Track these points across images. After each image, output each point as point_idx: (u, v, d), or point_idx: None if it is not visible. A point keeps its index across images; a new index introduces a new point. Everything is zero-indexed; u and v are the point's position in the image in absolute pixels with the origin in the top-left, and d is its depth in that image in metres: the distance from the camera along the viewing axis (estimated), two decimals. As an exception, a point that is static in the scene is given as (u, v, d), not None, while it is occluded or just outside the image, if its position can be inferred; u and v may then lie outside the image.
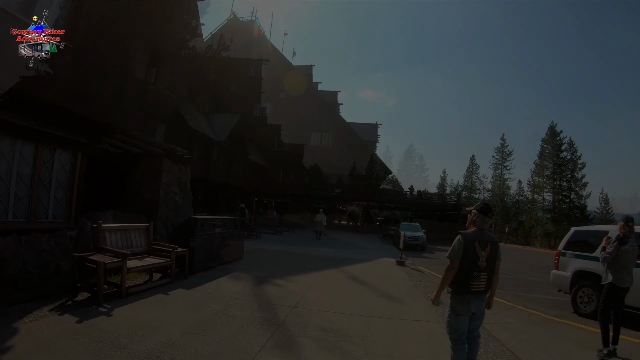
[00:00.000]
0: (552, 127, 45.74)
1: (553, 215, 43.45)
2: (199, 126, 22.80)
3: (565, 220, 42.00)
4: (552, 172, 44.58)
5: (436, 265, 15.24)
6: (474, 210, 4.02)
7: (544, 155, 45.95)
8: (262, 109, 37.74)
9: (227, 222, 10.53)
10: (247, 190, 33.54)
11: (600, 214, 47.05)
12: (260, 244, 16.30)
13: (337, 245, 19.14)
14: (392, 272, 11.66)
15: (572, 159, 44.25)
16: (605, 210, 48.05)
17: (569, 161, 44.36)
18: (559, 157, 44.29)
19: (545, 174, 45.88)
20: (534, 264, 19.89)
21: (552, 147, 44.89)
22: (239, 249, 11.33)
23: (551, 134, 45.47)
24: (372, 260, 14.04)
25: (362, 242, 23.19)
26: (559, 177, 44.31)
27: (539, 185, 46.52)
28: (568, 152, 44.61)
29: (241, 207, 18.26)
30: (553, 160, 44.61)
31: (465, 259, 3.79)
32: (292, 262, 11.80)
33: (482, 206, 4.03)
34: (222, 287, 7.51)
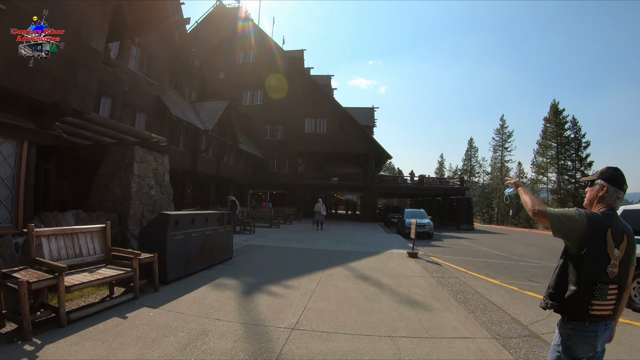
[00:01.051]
0: (555, 106, 44.11)
1: (559, 196, 42.02)
2: (183, 115, 21.01)
3: (571, 201, 40.67)
4: (557, 152, 43.08)
5: (451, 255, 13.70)
6: (599, 180, 2.36)
7: (547, 135, 44.40)
8: (252, 96, 35.92)
9: (211, 217, 8.86)
10: (241, 182, 31.86)
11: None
12: (254, 240, 14.67)
13: (338, 237, 17.54)
14: (407, 266, 10.06)
15: (576, 138, 42.75)
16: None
17: (573, 140, 42.85)
18: (562, 136, 42.76)
19: (549, 153, 44.38)
20: (550, 248, 18.44)
21: (555, 126, 43.34)
22: (226, 248, 9.69)
23: (554, 112, 43.88)
24: (380, 253, 12.43)
25: (365, 232, 21.62)
26: (563, 156, 42.81)
27: (542, 166, 45.02)
28: (572, 130, 43.11)
29: (231, 200, 16.55)
30: (557, 140, 43.09)
31: (587, 257, 2.17)
32: (290, 261, 10.16)
33: (612, 173, 2.35)
34: (201, 301, 5.86)
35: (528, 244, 20.49)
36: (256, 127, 34.76)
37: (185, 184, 23.69)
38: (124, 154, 10.53)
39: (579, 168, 42.19)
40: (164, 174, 11.48)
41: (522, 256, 14.78)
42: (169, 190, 11.55)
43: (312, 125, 34.51)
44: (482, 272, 10.50)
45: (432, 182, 36.97)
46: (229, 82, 35.04)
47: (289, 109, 34.07)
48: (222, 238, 9.29)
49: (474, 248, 17.10)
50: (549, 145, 44.12)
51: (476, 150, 67.44)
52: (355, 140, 33.14)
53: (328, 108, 33.74)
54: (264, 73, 34.98)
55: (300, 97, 33.91)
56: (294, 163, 34.49)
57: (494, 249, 16.97)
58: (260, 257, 10.67)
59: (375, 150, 33.16)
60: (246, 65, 36.11)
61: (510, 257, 14.21)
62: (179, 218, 7.41)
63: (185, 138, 22.49)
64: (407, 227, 20.78)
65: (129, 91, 17.96)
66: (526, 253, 15.94)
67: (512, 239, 24.34)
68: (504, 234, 29.38)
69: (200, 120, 23.07)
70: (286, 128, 34.74)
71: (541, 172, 45.42)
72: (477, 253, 15.21)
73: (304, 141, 34.02)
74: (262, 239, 15.33)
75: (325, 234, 18.82)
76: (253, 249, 12.12)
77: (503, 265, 12.03)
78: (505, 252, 16.10)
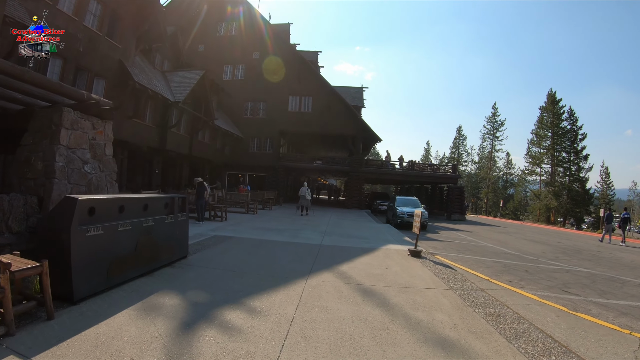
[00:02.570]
0: (552, 95, 42.28)
1: (554, 188, 40.47)
2: (150, 83, 18.28)
3: (565, 194, 39.29)
4: (552, 142, 41.32)
5: (456, 253, 11.61)
6: None
7: (543, 125, 42.55)
8: (233, 71, 33.08)
9: (154, 203, 6.48)
10: (217, 163, 29.26)
11: (601, 189, 44.69)
12: (223, 229, 12.32)
13: (323, 227, 15.30)
14: (413, 271, 7.86)
15: (572, 129, 41.06)
16: (606, 185, 45.67)
17: (569, 131, 41.15)
18: (559, 127, 41.01)
19: (544, 144, 42.62)
20: (557, 245, 16.62)
21: (552, 115, 41.51)
22: (179, 244, 7.31)
23: (551, 102, 42.05)
24: (376, 250, 10.23)
25: (353, 221, 19.43)
26: (559, 147, 41.11)
27: (537, 157, 43.25)
28: (568, 121, 41.39)
29: (198, 181, 14.07)
30: (553, 130, 41.31)
31: None
32: (263, 261, 7.83)
33: None
34: (111, 342, 3.54)
35: (532, 240, 18.60)
36: (236, 104, 31.98)
37: (153, 163, 21.06)
38: (51, 118, 7.99)
39: (574, 160, 40.68)
40: (105, 145, 8.95)
41: (536, 255, 12.81)
42: (112, 166, 9.03)
43: (296, 104, 31.91)
44: (502, 278, 8.40)
45: (423, 168, 34.91)
46: (208, 55, 32.02)
47: (272, 86, 31.37)
48: (171, 231, 6.91)
49: (477, 244, 15.07)
50: (544, 135, 42.39)
51: (464, 139, 65.88)
52: (342, 120, 30.71)
53: (314, 86, 31.15)
54: (247, 46, 32.10)
55: (284, 73, 31.23)
56: (276, 144, 31.92)
57: (500, 245, 15.00)
58: (225, 254, 8.31)
59: (364, 132, 30.83)
60: (227, 37, 33.09)
61: (522, 257, 12.21)
62: (95, 205, 5.00)
63: (153, 110, 19.77)
64: (400, 217, 18.72)
65: (85, 53, 15.21)
66: (537, 251, 13.99)
67: (510, 232, 22.49)
68: (499, 227, 27.60)
69: (170, 91, 20.34)
70: (268, 106, 32.05)
71: (536, 162, 43.66)
72: (484, 250, 13.16)
73: (287, 120, 31.43)
74: (234, 228, 12.98)
75: (308, 223, 16.55)
76: (219, 242, 9.77)
77: (522, 268, 9.97)
78: (513, 249, 14.13)
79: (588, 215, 40.23)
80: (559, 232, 28.57)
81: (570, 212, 39.03)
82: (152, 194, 14.44)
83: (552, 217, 40.22)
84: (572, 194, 38.99)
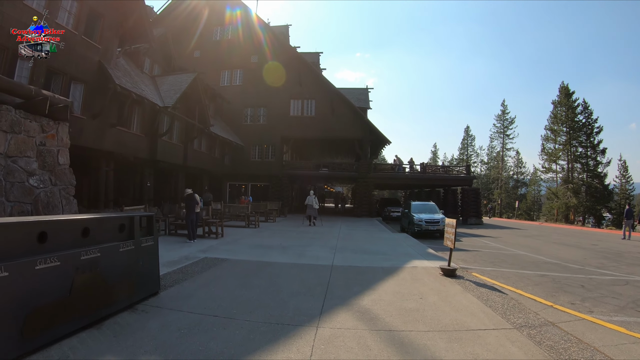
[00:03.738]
0: (565, 88, 40.16)
1: (573, 185, 38.31)
2: (135, 86, 16.63)
3: (584, 191, 37.18)
4: (569, 137, 39.18)
5: (491, 266, 9.73)
6: None
7: (558, 119, 40.37)
8: (231, 77, 31.48)
9: (100, 226, 4.70)
10: (217, 174, 27.55)
11: (620, 184, 42.50)
12: (217, 249, 10.53)
13: (333, 240, 13.48)
14: (456, 301, 6.03)
15: (588, 123, 38.91)
16: (625, 179, 43.45)
17: (584, 125, 39.03)
18: (574, 121, 38.89)
19: (560, 140, 40.46)
20: (591, 248, 14.82)
21: (566, 109, 39.41)
22: (143, 278, 5.49)
23: (565, 95, 39.94)
24: (400, 270, 8.38)
25: (365, 231, 17.61)
26: (576, 142, 38.96)
27: (553, 153, 41.04)
28: (582, 115, 39.29)
29: (187, 194, 12.28)
30: (568, 124, 39.17)
31: None
32: (260, 297, 5.97)
33: None
34: None
35: (562, 244, 16.68)
36: (235, 111, 30.35)
37: (145, 176, 19.36)
38: (-12, 119, 6.27)
39: (591, 155, 38.53)
40: (59, 152, 7.21)
41: (578, 263, 10.96)
42: (68, 179, 7.30)
43: (298, 108, 30.20)
44: (561, 299, 6.64)
45: (435, 170, 32.99)
46: (204, 60, 30.40)
47: (272, 90, 29.72)
48: (130, 262, 5.11)
49: (507, 252, 13.18)
50: (559, 131, 40.24)
51: (473, 139, 63.77)
52: (348, 123, 28.95)
53: (317, 88, 29.45)
54: (244, 50, 30.53)
55: (285, 76, 29.56)
56: (278, 151, 30.17)
57: (533, 252, 13.12)
58: (212, 286, 6.49)
59: (371, 134, 29.03)
60: (224, 41, 31.53)
61: (566, 267, 10.36)
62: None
63: (140, 118, 18.12)
64: (417, 225, 16.94)
65: (59, 54, 13.51)
66: (577, 258, 12.13)
67: (535, 236, 20.52)
68: (520, 229, 25.63)
69: (159, 96, 18.70)
70: (269, 111, 30.37)
71: (552, 159, 41.41)
72: (520, 260, 11.28)
73: (290, 126, 29.70)
74: (230, 247, 11.19)
75: (316, 236, 14.73)
76: (208, 267, 7.98)
77: (575, 283, 8.19)
78: (550, 256, 12.26)
79: (608, 211, 38.09)
80: (583, 231, 26.73)
81: (591, 209, 36.89)
82: (134, 210, 12.71)
83: (572, 215, 38.12)
84: (592, 190, 36.86)
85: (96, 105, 15.18)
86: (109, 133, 15.96)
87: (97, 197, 16.19)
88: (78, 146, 15.03)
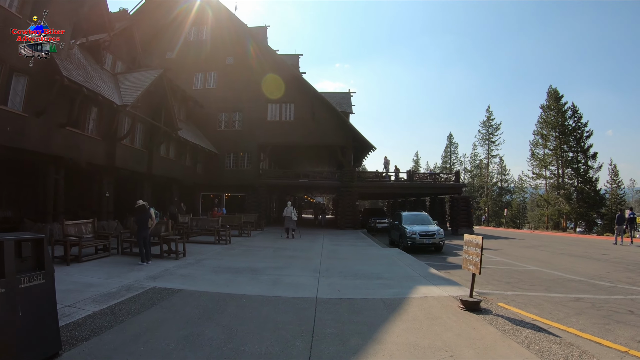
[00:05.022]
0: (553, 91, 39.28)
1: (564, 191, 37.23)
2: (88, 81, 14.38)
3: (576, 197, 36.15)
4: (560, 142, 38.14)
5: (511, 290, 7.99)
6: None
7: (548, 124, 39.33)
8: (205, 79, 29.28)
9: None
10: (188, 183, 25.18)
11: (610, 189, 41.71)
12: (171, 276, 8.36)
13: (316, 259, 11.46)
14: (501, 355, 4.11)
15: (577, 127, 38.02)
16: (616, 184, 42.73)
17: (574, 129, 38.13)
18: (564, 125, 37.94)
19: (550, 145, 39.44)
20: (601, 258, 13.57)
21: (556, 113, 38.44)
22: (27, 335, 3.37)
23: (553, 99, 39.01)
24: (406, 304, 6.42)
25: (352, 246, 15.71)
26: (567, 147, 37.98)
27: (544, 159, 39.98)
28: (572, 119, 38.45)
29: (139, 205, 10.06)
30: (558, 129, 38.15)
31: None
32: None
33: None
34: None
35: (570, 254, 15.20)
36: (209, 116, 28.04)
37: (103, 185, 17.00)
38: None
39: (582, 160, 37.59)
40: None
41: (607, 279, 9.46)
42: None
43: (276, 112, 28.16)
44: (624, 335, 5.10)
45: (423, 178, 31.25)
46: (177, 61, 28.00)
47: (248, 93, 27.63)
48: None
49: (518, 267, 11.46)
50: (550, 135, 39.23)
51: (456, 147, 62.91)
52: (329, 129, 27.04)
53: (296, 91, 27.51)
54: (220, 50, 28.41)
55: (262, 78, 27.54)
56: (255, 159, 27.95)
57: (546, 267, 11.51)
58: (142, 342, 4.34)
59: (355, 141, 27.20)
60: (198, 42, 29.37)
61: (595, 284, 8.80)
62: None
63: (96, 118, 15.81)
64: (410, 238, 15.11)
65: (-4, 41, 11.36)
66: (599, 272, 10.64)
67: (536, 246, 19.00)
68: (516, 239, 24.16)
69: (118, 94, 16.44)
70: (245, 116, 28.20)
71: (543, 165, 40.33)
72: (538, 279, 9.58)
73: (267, 132, 27.57)
74: (190, 270, 9.05)
75: (295, 254, 12.67)
76: (149, 305, 5.87)
77: (621, 307, 6.81)
78: (568, 271, 10.73)
79: (600, 217, 37.19)
80: (580, 239, 25.85)
81: (584, 215, 35.88)
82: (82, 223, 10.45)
83: (564, 222, 37.06)
84: (583, 196, 35.88)
85: (41, 101, 12.87)
86: (57, 134, 13.66)
87: (45, 209, 13.86)
88: (18, 149, 12.60)
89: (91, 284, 7.25)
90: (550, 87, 39.92)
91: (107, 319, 5.12)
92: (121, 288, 6.95)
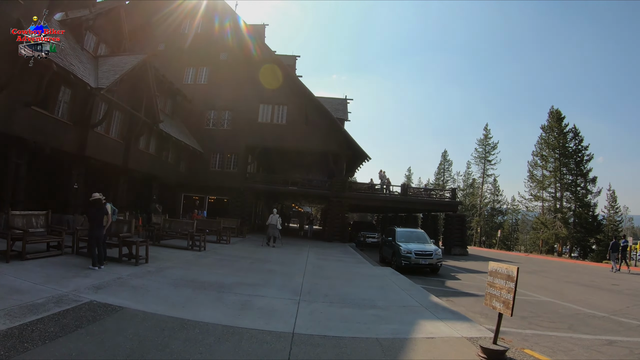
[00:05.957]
0: (555, 112, 38.39)
1: (562, 215, 36.18)
2: (61, 58, 12.82)
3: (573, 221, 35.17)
4: (559, 164, 37.15)
5: (529, 329, 6.54)
6: None
7: (549, 145, 38.38)
8: (196, 74, 27.80)
9: None
10: (169, 182, 23.56)
11: (608, 215, 40.85)
12: (121, 287, 6.82)
13: (298, 276, 9.95)
14: None
15: (578, 150, 37.12)
16: (614, 210, 41.94)
17: (575, 152, 37.23)
18: (565, 147, 37.03)
19: (549, 167, 38.49)
20: (612, 289, 12.51)
21: (557, 134, 37.54)
22: None
23: (555, 120, 38.13)
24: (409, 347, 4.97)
25: (340, 263, 14.30)
26: (566, 170, 37.05)
27: (543, 181, 38.97)
28: (573, 141, 37.59)
29: (93, 199, 8.47)
30: (559, 151, 37.21)
31: None
32: None
33: None
34: None
35: (578, 283, 14.10)
36: (197, 113, 26.48)
37: (72, 176, 15.37)
38: None
39: (581, 184, 36.68)
40: None
41: (633, 316, 8.21)
42: None
43: (268, 114, 26.72)
44: None
45: (417, 193, 29.92)
46: (168, 54, 26.45)
47: (240, 92, 26.21)
48: None
49: (529, 298, 10.20)
50: (550, 156, 38.28)
51: (450, 164, 61.91)
52: (323, 134, 25.66)
53: (290, 92, 26.16)
54: (213, 45, 27.00)
55: (255, 77, 26.15)
56: (242, 161, 26.39)
57: (559, 298, 10.34)
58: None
59: (349, 149, 25.83)
60: (192, 35, 27.93)
61: (622, 323, 7.72)
62: None
63: (68, 100, 14.26)
64: (405, 258, 13.69)
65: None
66: (618, 306, 9.53)
67: (539, 272, 17.85)
68: (515, 262, 22.59)
69: (95, 77, 14.92)
70: (235, 115, 26.69)
71: (541, 186, 39.28)
72: (553, 312, 8.38)
73: (257, 133, 26.07)
74: (146, 280, 7.50)
75: (275, 267, 11.17)
76: (73, 329, 4.36)
77: None
78: (584, 304, 9.54)
79: (597, 243, 36.24)
80: (578, 265, 25.11)
81: (580, 241, 34.88)
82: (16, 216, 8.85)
83: (560, 247, 36.01)
84: (581, 220, 34.89)
85: (2, 73, 11.31)
86: (20, 113, 12.11)
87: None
88: (-31, 126, 11.28)
89: (19, 289, 5.77)
90: (552, 108, 39.19)
91: (7, 344, 3.65)
92: (50, 299, 5.45)
